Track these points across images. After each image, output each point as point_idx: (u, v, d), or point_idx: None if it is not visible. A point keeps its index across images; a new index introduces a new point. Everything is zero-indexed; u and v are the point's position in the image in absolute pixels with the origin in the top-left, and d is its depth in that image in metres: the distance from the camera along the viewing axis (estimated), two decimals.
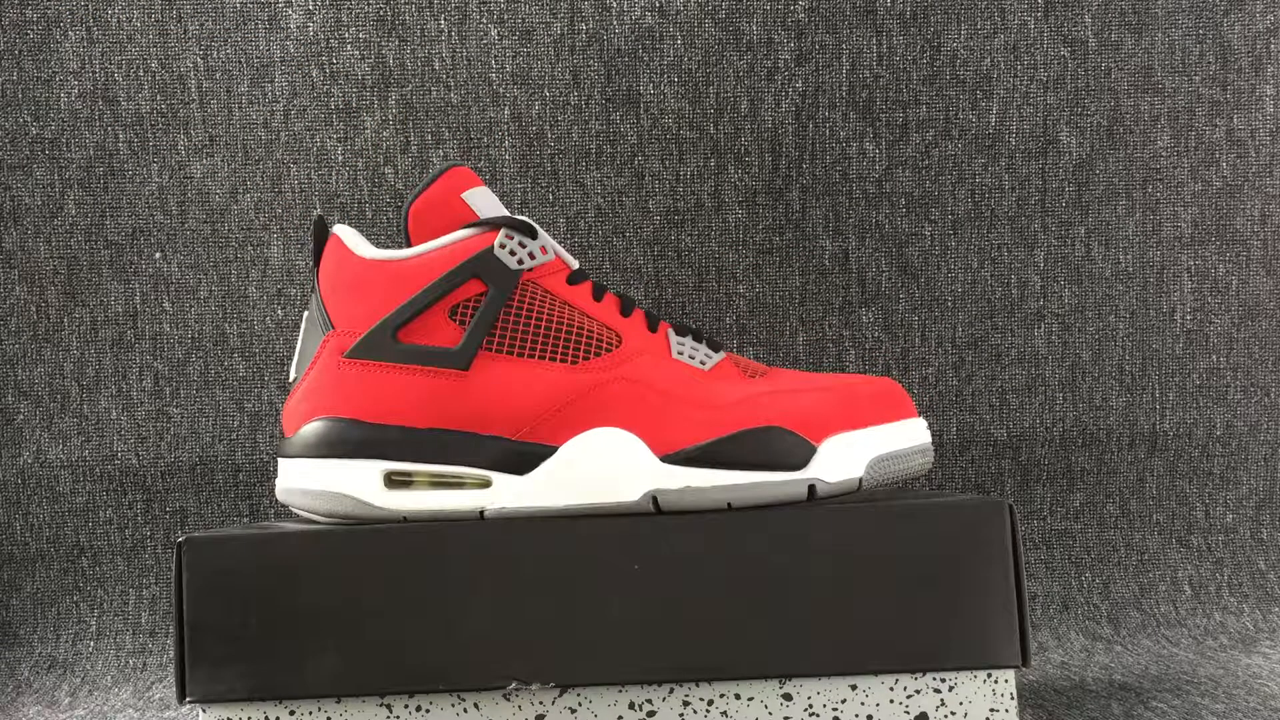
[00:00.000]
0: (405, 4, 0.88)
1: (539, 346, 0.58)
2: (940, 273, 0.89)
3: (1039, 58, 0.89)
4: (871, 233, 0.88)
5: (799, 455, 0.56)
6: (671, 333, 0.60)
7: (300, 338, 0.61)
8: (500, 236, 0.59)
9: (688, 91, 0.88)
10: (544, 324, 0.59)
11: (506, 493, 0.56)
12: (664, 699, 0.54)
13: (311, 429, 0.58)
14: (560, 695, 0.54)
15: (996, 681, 0.54)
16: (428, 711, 0.54)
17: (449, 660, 0.53)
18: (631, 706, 0.54)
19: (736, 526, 0.54)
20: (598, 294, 0.60)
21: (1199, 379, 0.90)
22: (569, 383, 0.57)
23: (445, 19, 0.88)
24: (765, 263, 0.88)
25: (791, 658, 0.54)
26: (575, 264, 0.61)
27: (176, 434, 0.87)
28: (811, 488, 0.56)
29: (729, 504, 0.55)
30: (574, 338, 0.58)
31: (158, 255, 0.88)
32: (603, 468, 0.56)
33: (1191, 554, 0.89)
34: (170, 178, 0.88)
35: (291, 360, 0.62)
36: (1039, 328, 0.89)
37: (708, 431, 0.57)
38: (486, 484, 0.57)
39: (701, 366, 0.59)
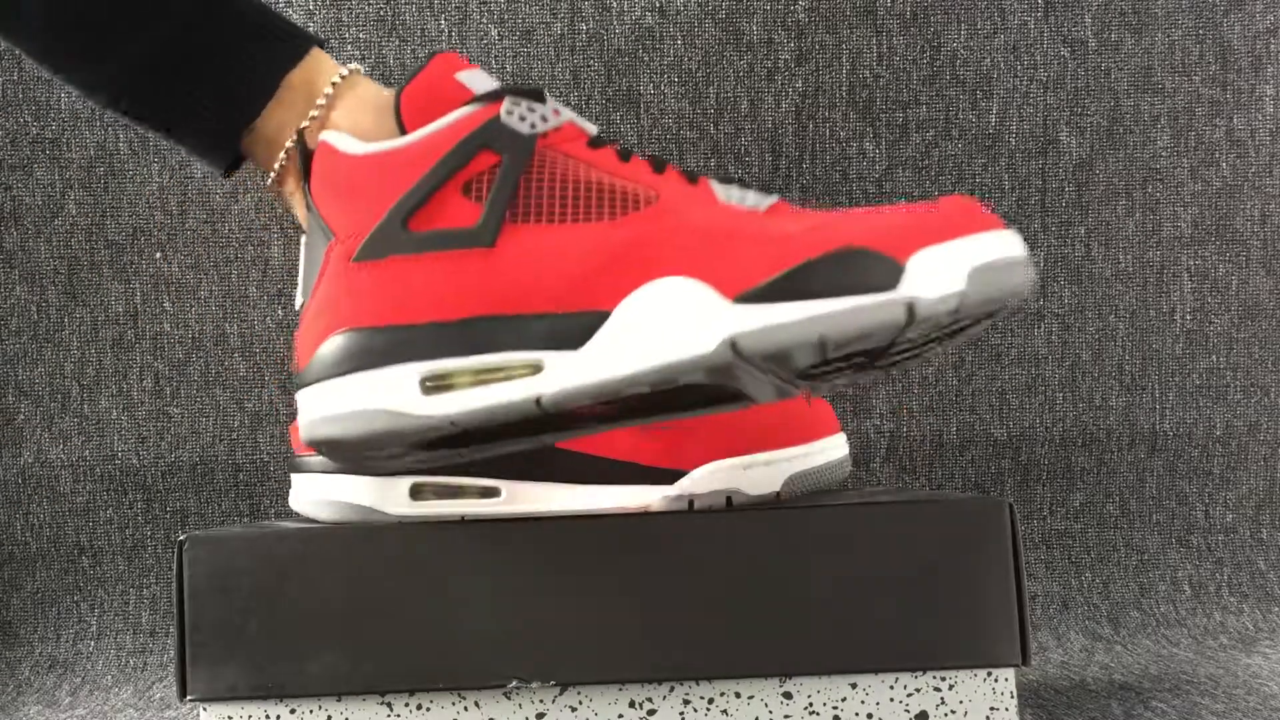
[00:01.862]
0: (405, 4, 0.88)
1: (569, 208, 0.51)
2: None
3: (1039, 58, 0.89)
4: None
5: (886, 276, 0.47)
6: (714, 183, 0.53)
7: (301, 265, 0.55)
8: (506, 104, 0.52)
9: (688, 91, 0.88)
10: (570, 186, 0.52)
11: (562, 372, 0.49)
12: (664, 698, 0.54)
13: (329, 346, 0.51)
14: (560, 694, 0.54)
15: (996, 680, 0.54)
16: (428, 710, 0.54)
17: (449, 659, 0.53)
18: (631, 705, 0.54)
19: (737, 526, 0.54)
20: (624, 156, 0.54)
21: (1199, 379, 0.90)
22: (610, 239, 0.50)
23: (445, 19, 0.88)
24: None
25: (792, 656, 0.54)
26: (593, 130, 0.55)
27: (177, 434, 0.87)
28: (910, 306, 0.46)
29: (819, 337, 0.46)
30: (606, 195, 0.52)
31: (158, 255, 0.88)
32: (668, 321, 0.48)
33: (1191, 554, 0.89)
34: (170, 178, 0.88)
35: (295, 295, 0.57)
36: (1039, 328, 0.89)
37: (779, 263, 0.48)
38: (537, 368, 0.50)
39: (755, 209, 0.51)
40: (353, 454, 0.53)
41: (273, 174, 0.57)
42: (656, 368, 0.48)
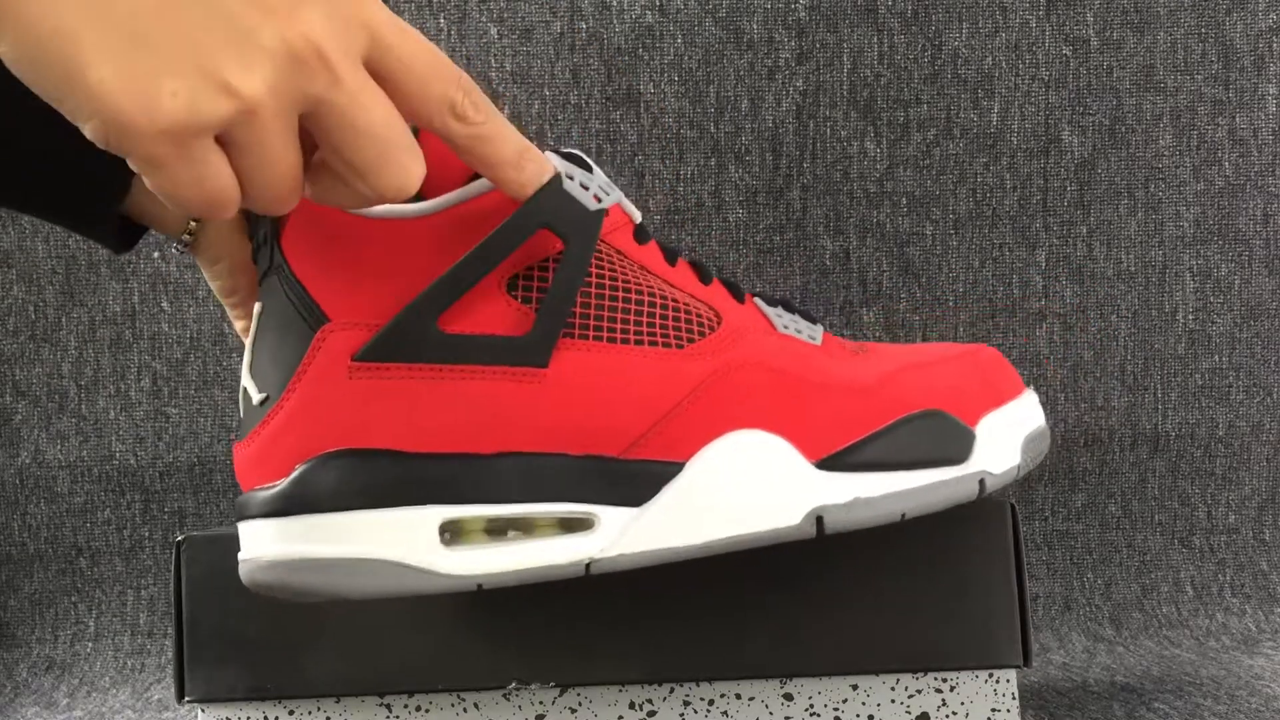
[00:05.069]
0: (405, 3, 0.88)
1: (632, 327, 0.43)
2: (942, 272, 0.88)
3: (1040, 56, 0.89)
4: (873, 232, 0.88)
5: (962, 443, 0.46)
6: (762, 303, 0.47)
7: (251, 341, 0.43)
8: (561, 166, 0.41)
9: (688, 90, 0.88)
10: (632, 296, 0.43)
11: (621, 533, 0.42)
12: (664, 699, 0.54)
13: (318, 470, 0.40)
14: (560, 695, 0.54)
15: (998, 682, 0.54)
16: (427, 711, 0.54)
17: (448, 660, 0.53)
18: (632, 706, 0.54)
19: None
20: (670, 258, 0.46)
21: (1201, 379, 0.90)
22: (682, 373, 0.43)
23: (445, 18, 0.88)
24: (766, 262, 0.88)
25: (792, 658, 0.53)
26: (638, 215, 0.46)
27: (175, 434, 0.87)
28: (982, 482, 0.46)
29: (903, 515, 0.45)
30: (670, 314, 0.44)
31: (156, 255, 0.87)
32: (750, 485, 0.42)
33: (1194, 555, 0.88)
34: None
35: (242, 375, 0.44)
36: (1040, 327, 0.89)
37: (860, 424, 0.44)
38: (587, 524, 0.42)
39: (812, 341, 0.46)
40: (317, 600, 0.42)
41: (186, 235, 0.46)
42: (733, 538, 0.42)
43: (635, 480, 0.42)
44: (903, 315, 0.88)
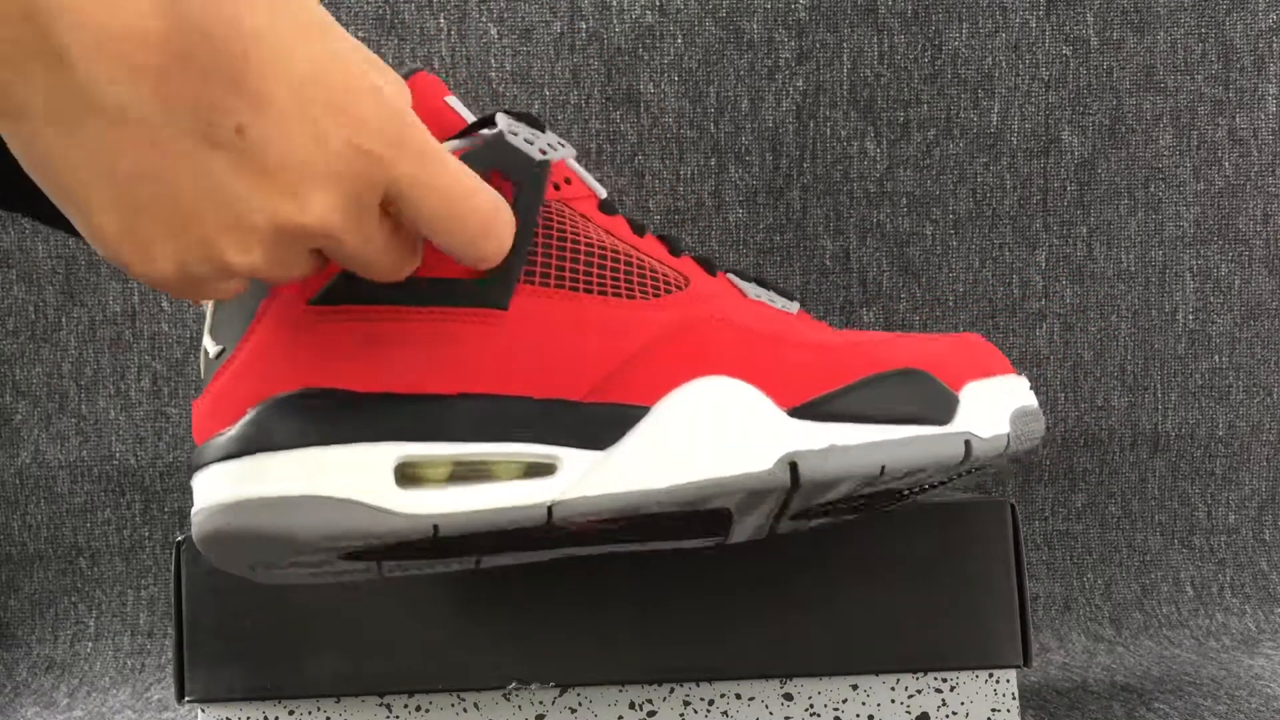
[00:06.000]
0: (405, 3, 0.88)
1: (595, 277, 0.42)
2: (942, 272, 0.88)
3: (1041, 56, 0.89)
4: (873, 232, 0.88)
5: (944, 405, 0.44)
6: (735, 278, 0.46)
7: (212, 305, 0.43)
8: (504, 123, 0.42)
9: (688, 90, 0.88)
10: (595, 250, 0.43)
11: (583, 476, 0.40)
12: (664, 699, 0.54)
13: (273, 409, 0.39)
14: (560, 695, 0.54)
15: (998, 682, 0.54)
16: (427, 712, 0.54)
17: (449, 660, 0.53)
18: (632, 706, 0.54)
19: None
20: (638, 230, 0.45)
21: (1201, 379, 0.90)
22: (648, 321, 0.42)
23: (445, 18, 0.88)
24: (766, 262, 0.88)
25: (792, 658, 0.53)
26: (603, 192, 0.46)
27: (175, 434, 0.87)
28: (968, 443, 0.44)
29: (882, 468, 0.42)
30: (635, 271, 0.43)
31: None
32: (718, 429, 0.41)
33: (1194, 555, 0.88)
34: None
35: (204, 339, 0.43)
36: (1040, 327, 0.89)
37: (836, 377, 0.43)
38: (549, 468, 0.40)
39: (786, 310, 0.46)
40: (270, 554, 0.40)
41: None
42: (700, 483, 0.40)
43: (598, 423, 0.41)
44: (903, 315, 0.88)
